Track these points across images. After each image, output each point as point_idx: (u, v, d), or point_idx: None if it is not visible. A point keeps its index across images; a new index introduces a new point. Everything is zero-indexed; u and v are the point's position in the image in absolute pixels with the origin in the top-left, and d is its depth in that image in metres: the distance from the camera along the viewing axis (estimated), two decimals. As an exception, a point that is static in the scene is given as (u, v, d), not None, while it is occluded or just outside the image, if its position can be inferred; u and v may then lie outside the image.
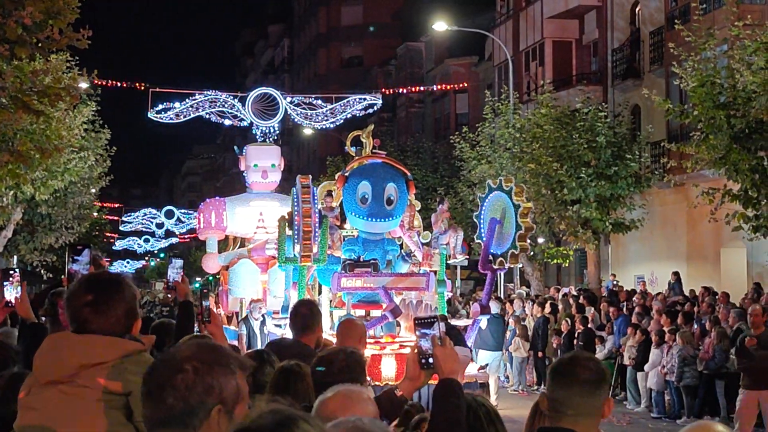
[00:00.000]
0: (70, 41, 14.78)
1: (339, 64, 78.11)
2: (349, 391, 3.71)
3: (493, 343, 23.19)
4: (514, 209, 17.38)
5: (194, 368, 3.07)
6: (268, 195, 24.24)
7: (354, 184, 18.31)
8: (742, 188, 22.04)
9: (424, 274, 18.34)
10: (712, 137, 21.73)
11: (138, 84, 38.08)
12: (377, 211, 18.10)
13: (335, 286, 17.58)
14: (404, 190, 18.53)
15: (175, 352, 3.15)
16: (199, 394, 3.05)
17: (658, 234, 35.69)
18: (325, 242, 17.80)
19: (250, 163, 24.23)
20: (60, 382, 4.31)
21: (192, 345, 3.21)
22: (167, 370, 3.10)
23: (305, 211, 17.38)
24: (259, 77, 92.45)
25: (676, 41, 24.43)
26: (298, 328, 7.97)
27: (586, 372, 4.16)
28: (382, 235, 18.74)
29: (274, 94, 26.42)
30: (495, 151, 33.77)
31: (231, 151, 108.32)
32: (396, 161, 20.43)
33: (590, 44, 43.07)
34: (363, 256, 18.24)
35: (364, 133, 20.16)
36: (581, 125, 31.71)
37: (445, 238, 19.36)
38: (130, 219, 70.88)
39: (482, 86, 49.58)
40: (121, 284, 4.62)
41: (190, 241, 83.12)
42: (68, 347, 4.38)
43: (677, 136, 26.22)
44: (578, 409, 4.10)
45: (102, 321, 4.44)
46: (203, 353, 3.13)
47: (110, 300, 4.50)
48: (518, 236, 17.23)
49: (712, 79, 21.60)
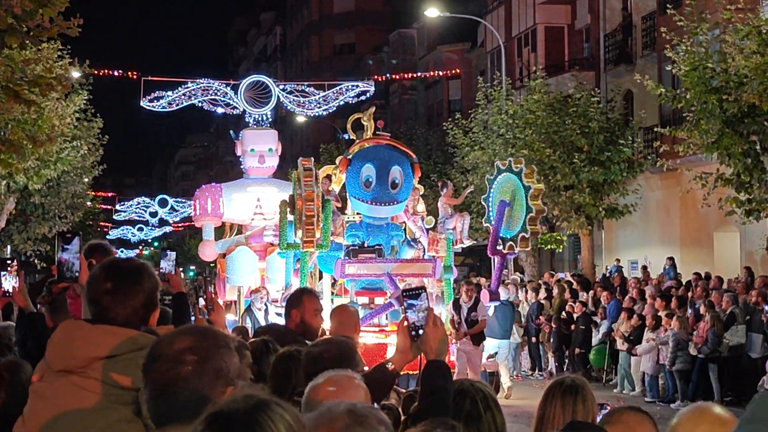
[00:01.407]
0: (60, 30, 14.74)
1: (331, 51, 77.97)
2: (339, 377, 3.72)
3: (499, 330, 22.12)
4: (524, 191, 16.96)
5: (198, 357, 3.05)
6: (265, 180, 23.90)
7: (357, 167, 17.83)
8: (734, 172, 22.07)
9: (431, 259, 17.86)
10: (704, 122, 21.75)
11: (130, 73, 38.02)
12: (382, 195, 17.65)
13: (338, 272, 17.13)
14: (409, 173, 18.06)
15: (170, 346, 3.09)
16: (210, 380, 3.04)
17: (651, 219, 35.73)
18: (328, 227, 17.27)
19: (247, 147, 23.93)
20: (72, 373, 4.29)
21: (184, 334, 3.16)
22: (170, 366, 3.05)
23: (308, 195, 16.76)
24: (251, 65, 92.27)
25: (668, 26, 24.43)
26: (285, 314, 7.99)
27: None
28: (387, 220, 18.32)
29: (266, 81, 26.31)
30: (488, 138, 33.76)
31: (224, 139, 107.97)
32: (401, 143, 19.88)
33: (582, 30, 43.02)
34: (367, 241, 17.76)
35: (365, 116, 19.64)
36: (574, 111, 31.74)
37: (451, 222, 19.03)
38: (124, 208, 70.76)
39: (475, 73, 49.57)
40: (142, 273, 4.57)
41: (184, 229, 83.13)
42: (81, 338, 4.35)
43: (670, 121, 26.24)
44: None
45: (120, 309, 4.41)
46: (201, 340, 3.11)
47: (130, 289, 4.46)
48: (529, 219, 16.81)
49: (704, 64, 21.60)
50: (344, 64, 70.21)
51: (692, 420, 3.28)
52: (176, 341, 3.12)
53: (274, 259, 20.93)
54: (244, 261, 22.26)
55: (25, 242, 34.86)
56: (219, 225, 24.56)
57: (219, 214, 23.42)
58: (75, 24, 14.67)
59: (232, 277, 22.43)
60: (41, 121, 21.95)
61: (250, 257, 22.28)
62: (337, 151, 35.50)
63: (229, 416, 2.57)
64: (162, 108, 27.00)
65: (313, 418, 2.80)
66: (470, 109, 36.33)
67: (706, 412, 3.31)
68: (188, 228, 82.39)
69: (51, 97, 20.82)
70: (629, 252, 37.56)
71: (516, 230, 17.13)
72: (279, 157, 24.48)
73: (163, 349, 3.12)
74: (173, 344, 3.10)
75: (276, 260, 20.77)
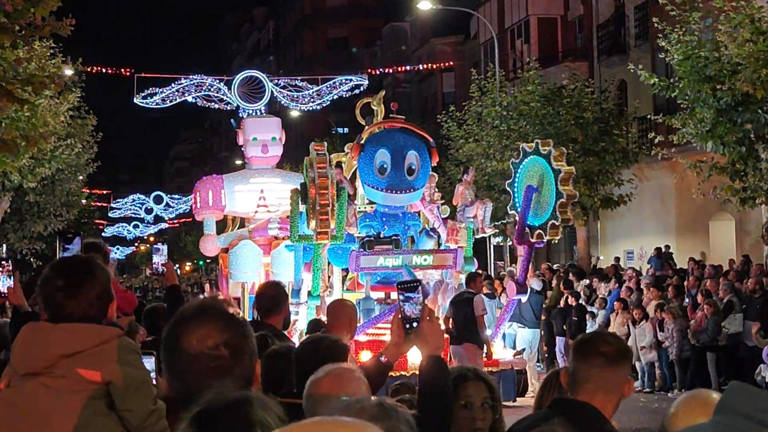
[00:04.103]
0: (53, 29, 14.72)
1: (324, 45, 77.92)
2: (340, 370, 3.72)
3: (531, 319, 21.20)
4: (553, 175, 15.66)
5: (232, 347, 3.01)
6: (268, 171, 22.96)
7: (371, 152, 16.66)
8: (729, 161, 22.10)
9: (452, 250, 16.83)
10: (699, 110, 21.76)
11: (123, 69, 37.95)
12: (397, 182, 16.53)
13: (353, 266, 16.13)
14: (426, 158, 16.89)
15: (202, 342, 2.99)
16: (247, 364, 3.04)
17: (646, 209, 35.75)
18: (343, 217, 16.18)
19: (249, 136, 22.82)
20: (39, 374, 4.28)
21: (206, 324, 3.04)
22: (209, 361, 2.99)
23: (321, 183, 15.56)
24: (244, 60, 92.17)
25: (661, 16, 24.40)
26: (263, 309, 7.92)
27: (606, 346, 4.17)
28: (403, 209, 17.23)
29: (259, 77, 26.26)
30: (482, 130, 33.73)
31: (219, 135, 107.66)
32: (417, 126, 18.53)
33: (575, 20, 43.03)
34: (383, 232, 16.74)
35: (374, 100, 18.78)
36: (568, 102, 31.76)
37: (471, 210, 17.91)
38: (119, 205, 70.72)
39: (468, 65, 49.52)
40: (91, 267, 4.58)
41: (180, 226, 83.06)
42: (44, 337, 4.35)
43: (664, 110, 26.21)
44: (596, 383, 4.11)
45: (75, 304, 4.42)
46: (226, 328, 3.02)
47: (82, 283, 4.47)
48: (559, 205, 15.53)
49: (697, 53, 21.60)
50: (337, 58, 70.16)
51: (689, 407, 3.28)
52: (205, 335, 3.01)
53: (280, 253, 20.34)
54: (248, 256, 21.39)
55: (21, 241, 34.81)
56: (221, 218, 23.72)
57: (221, 206, 22.55)
58: (67, 23, 14.65)
59: (236, 272, 21.57)
60: (35, 120, 21.91)
61: (254, 252, 21.42)
62: (332, 146, 35.54)
63: (215, 413, 2.55)
64: (155, 104, 26.99)
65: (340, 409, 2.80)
66: (464, 102, 36.30)
67: (703, 399, 3.31)
68: (184, 224, 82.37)
69: (44, 95, 20.81)
70: (625, 242, 37.61)
71: (545, 217, 15.88)
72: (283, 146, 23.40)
73: (195, 347, 3.00)
74: (205, 340, 3.00)
75: (282, 254, 20.15)
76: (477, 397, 4.65)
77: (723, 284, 21.33)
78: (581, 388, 4.15)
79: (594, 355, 4.15)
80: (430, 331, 4.24)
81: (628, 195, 32.05)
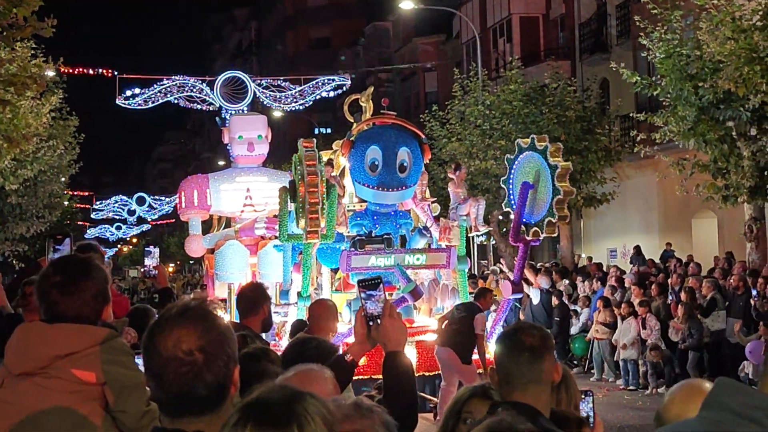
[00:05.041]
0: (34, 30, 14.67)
1: (307, 45, 77.89)
2: (308, 370, 3.73)
3: (546, 319, 20.72)
4: (549, 171, 15.24)
5: (207, 355, 3.00)
6: (255, 169, 22.53)
7: (362, 149, 16.28)
8: (711, 158, 22.19)
9: (445, 249, 16.47)
10: (680, 108, 21.83)
11: (105, 71, 37.86)
12: (389, 179, 16.13)
13: (344, 266, 15.63)
14: (419, 155, 16.54)
15: (177, 346, 2.99)
16: (221, 370, 3.02)
17: (629, 207, 35.86)
18: (333, 216, 15.75)
19: (235, 134, 22.35)
20: (33, 374, 4.28)
21: (185, 327, 3.03)
22: (179, 367, 2.98)
23: (311, 180, 15.12)
24: (227, 61, 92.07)
25: (643, 14, 24.46)
26: (241, 310, 7.92)
27: (530, 338, 4.16)
28: (394, 207, 16.78)
29: (242, 77, 26.20)
30: (465, 129, 33.77)
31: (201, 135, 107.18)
32: (408, 122, 18.06)
33: (557, 19, 43.13)
34: (374, 231, 16.36)
35: (363, 96, 18.35)
36: (550, 100, 31.84)
37: (464, 208, 17.42)
38: (102, 206, 70.57)
39: (451, 64, 49.58)
40: (90, 266, 4.59)
41: (162, 227, 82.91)
42: (39, 338, 4.35)
43: (646, 109, 26.29)
44: (527, 377, 4.12)
45: (70, 302, 4.42)
46: (205, 332, 2.99)
47: (78, 281, 4.47)
48: (556, 201, 15.16)
49: (678, 51, 21.67)
50: (320, 58, 70.16)
51: (683, 397, 3.30)
52: (181, 339, 3.01)
53: (267, 253, 20.09)
54: (234, 256, 21.04)
55: (3, 243, 34.67)
56: (206, 218, 23.29)
57: (206, 206, 22.12)
58: (49, 24, 14.61)
59: (222, 273, 21.14)
60: (17, 121, 21.82)
61: (240, 252, 21.11)
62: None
63: (265, 406, 2.58)
64: (138, 106, 26.95)
65: None
66: (447, 101, 36.35)
67: (696, 389, 3.33)
68: (167, 225, 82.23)
69: (26, 96, 20.72)
70: (608, 240, 37.72)
71: (541, 215, 15.48)
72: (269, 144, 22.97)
73: (170, 350, 3.00)
74: (180, 343, 2.99)
75: (269, 254, 19.91)
76: (477, 414, 4.65)
77: (707, 281, 21.40)
78: (512, 384, 4.15)
79: (521, 350, 4.14)
80: (392, 327, 4.26)
81: (611, 193, 32.15)
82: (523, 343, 4.15)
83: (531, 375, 4.13)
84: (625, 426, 16.80)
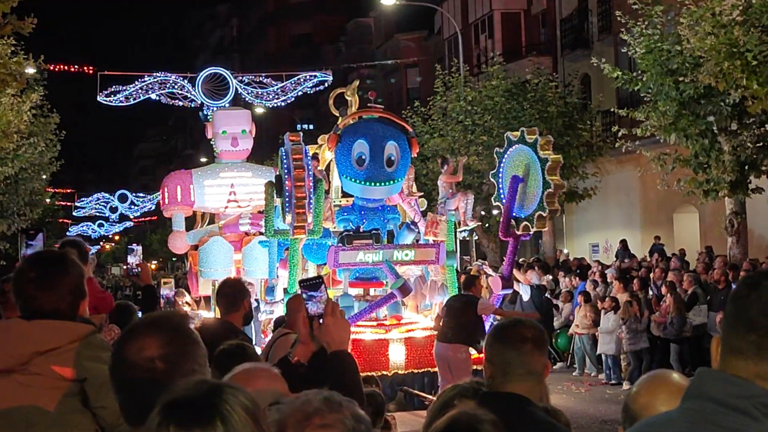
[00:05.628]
0: (14, 28, 14.64)
1: (289, 42, 77.75)
2: (252, 367, 3.73)
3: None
4: (540, 164, 15.00)
5: (169, 364, 2.97)
6: (239, 165, 22.28)
7: (348, 143, 16.05)
8: (692, 153, 22.28)
9: (434, 244, 16.18)
10: (661, 103, 21.91)
11: (86, 67, 37.75)
12: (376, 173, 15.90)
13: (332, 261, 15.37)
14: (406, 149, 16.30)
15: (139, 353, 2.97)
16: (183, 379, 2.97)
17: (611, 202, 35.94)
18: (320, 211, 15.37)
19: (218, 129, 22.09)
20: (13, 372, 4.27)
21: (152, 336, 3.02)
22: (140, 374, 2.96)
23: (298, 175, 14.75)
24: (208, 58, 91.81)
25: (624, 9, 24.53)
26: (222, 307, 7.93)
27: (531, 331, 4.23)
28: (381, 202, 16.60)
29: (223, 73, 26.12)
30: (447, 125, 33.79)
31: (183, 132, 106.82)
32: (396, 116, 17.94)
33: (539, 15, 43.19)
34: (362, 226, 16.09)
35: (348, 90, 18.19)
36: (532, 96, 31.91)
37: (453, 202, 17.19)
38: (83, 204, 70.29)
39: (432, 60, 49.60)
40: (65, 261, 4.59)
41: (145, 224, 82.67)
42: (18, 335, 4.34)
43: (627, 104, 26.39)
44: (526, 368, 4.15)
45: (46, 297, 4.42)
46: (169, 343, 2.97)
47: (54, 276, 4.48)
48: (546, 195, 14.88)
49: (659, 46, 21.75)
50: (302, 54, 70.07)
51: (651, 389, 3.30)
52: (145, 346, 3.00)
53: (251, 249, 20.01)
54: (219, 252, 20.85)
55: (-16, 241, 34.58)
56: (190, 214, 23.05)
57: (190, 202, 21.86)
58: (29, 22, 14.58)
59: (206, 270, 20.91)
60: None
61: (224, 248, 20.91)
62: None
63: (186, 404, 2.53)
64: (119, 102, 26.83)
65: (288, 402, 2.81)
66: (429, 97, 36.36)
67: (664, 381, 3.32)
68: (149, 223, 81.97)
69: (6, 93, 20.66)
70: (590, 235, 37.79)
71: (531, 208, 15.18)
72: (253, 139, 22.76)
73: (132, 356, 3.01)
74: (143, 350, 2.99)
75: (253, 251, 19.82)
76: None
77: (688, 276, 21.46)
78: (509, 375, 4.16)
79: (523, 342, 4.18)
80: (335, 326, 4.26)
81: (593, 188, 32.22)
82: (525, 335, 4.20)
83: (531, 366, 4.17)
84: (607, 420, 16.82)
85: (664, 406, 3.15)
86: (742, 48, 18.59)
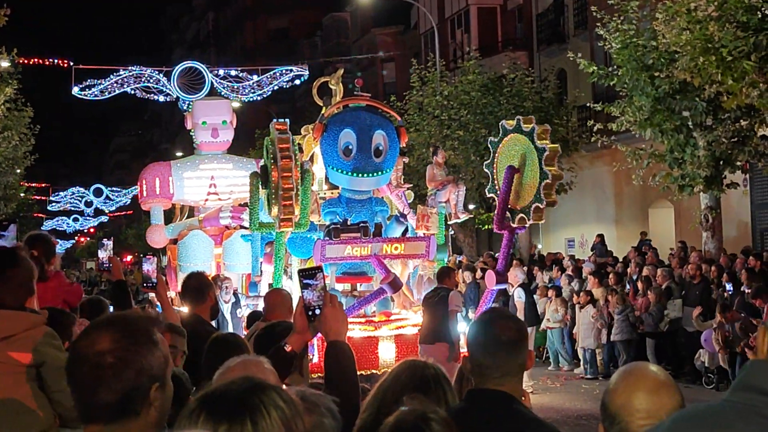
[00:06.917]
0: (-13, 19, 14.54)
1: (265, 36, 77.56)
2: (248, 361, 3.72)
3: (531, 315, 20.13)
4: (537, 153, 14.21)
5: (117, 360, 2.91)
6: (219, 156, 21.87)
7: (335, 133, 15.45)
8: (667, 148, 22.36)
9: (424, 237, 15.58)
10: (637, 99, 21.98)
11: (61, 61, 37.53)
12: (364, 164, 15.37)
13: (318, 256, 14.52)
14: (395, 139, 15.81)
15: (91, 346, 2.94)
16: (131, 380, 2.91)
17: (587, 197, 36.01)
18: (308, 203, 14.67)
19: (198, 120, 21.66)
20: None
21: (106, 331, 2.96)
22: (90, 369, 2.92)
23: (284, 165, 14.03)
24: (184, 52, 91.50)
25: (599, 5, 24.58)
26: (188, 301, 7.92)
27: (506, 332, 4.11)
28: (369, 194, 16.04)
29: (199, 67, 26.02)
30: (423, 119, 33.77)
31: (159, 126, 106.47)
32: (383, 104, 17.44)
33: (515, 10, 43.23)
34: (349, 218, 15.49)
35: (332, 79, 17.78)
36: (508, 91, 31.95)
37: (444, 194, 16.96)
38: (58, 198, 70.00)
39: (409, 55, 49.59)
40: (16, 257, 4.73)
41: (120, 218, 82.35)
42: None
43: (603, 99, 26.43)
44: (502, 371, 4.09)
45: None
46: (121, 339, 2.94)
47: (5, 270, 4.59)
48: (544, 186, 14.17)
49: (635, 42, 21.81)
50: (279, 49, 69.91)
51: (628, 387, 3.20)
52: (97, 340, 2.95)
53: (232, 243, 19.73)
54: (198, 246, 20.48)
55: (-42, 235, 34.38)
56: (168, 207, 22.68)
57: (168, 195, 21.47)
58: (2, 13, 14.49)
59: (185, 264, 20.16)
60: (-30, 112, 21.64)
61: (204, 242, 20.54)
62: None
63: (221, 398, 2.56)
64: (94, 96, 26.73)
65: None
66: (405, 92, 36.33)
67: (642, 378, 3.22)
68: (124, 217, 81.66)
69: (-20, 87, 20.53)
70: (565, 230, 37.87)
71: (528, 200, 14.47)
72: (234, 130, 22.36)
73: (83, 349, 2.97)
74: (94, 344, 2.94)
75: (234, 245, 19.55)
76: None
77: (662, 270, 21.54)
78: (486, 376, 4.10)
79: (497, 346, 4.09)
80: (333, 317, 4.27)
81: (569, 183, 32.26)
82: (500, 339, 4.09)
83: (507, 368, 4.10)
84: (582, 415, 16.86)
85: (643, 405, 3.11)
86: (718, 44, 18.64)
